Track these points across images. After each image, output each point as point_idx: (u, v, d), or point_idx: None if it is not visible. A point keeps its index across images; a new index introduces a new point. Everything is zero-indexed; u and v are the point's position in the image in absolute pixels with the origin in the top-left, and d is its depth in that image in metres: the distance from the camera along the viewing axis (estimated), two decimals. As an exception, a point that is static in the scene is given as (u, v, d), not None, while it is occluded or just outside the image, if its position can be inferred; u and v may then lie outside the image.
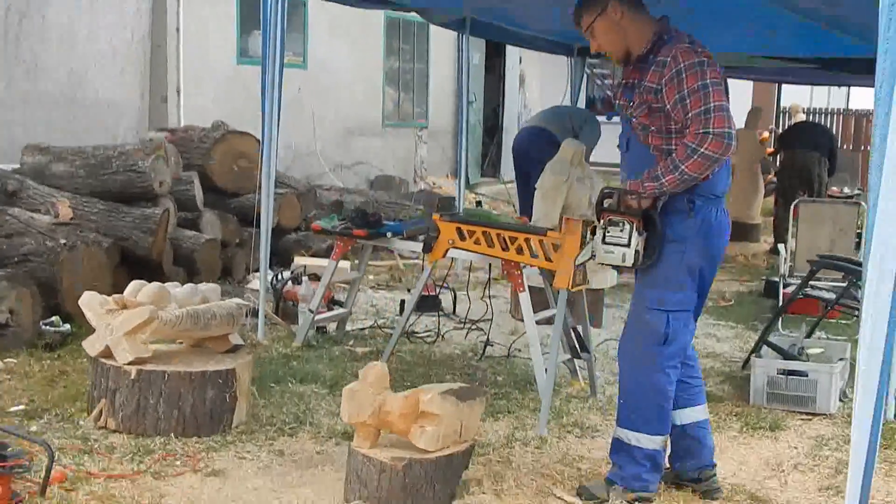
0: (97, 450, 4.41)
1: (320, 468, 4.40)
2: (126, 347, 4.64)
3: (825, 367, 5.54)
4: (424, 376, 5.91)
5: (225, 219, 8.46)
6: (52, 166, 7.67)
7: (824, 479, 4.52)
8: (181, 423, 4.62)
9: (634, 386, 4.14)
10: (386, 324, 7.32)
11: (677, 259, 3.99)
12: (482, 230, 5.47)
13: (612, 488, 4.11)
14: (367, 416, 3.97)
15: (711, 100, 3.75)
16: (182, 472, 4.24)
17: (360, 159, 14.18)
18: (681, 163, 3.79)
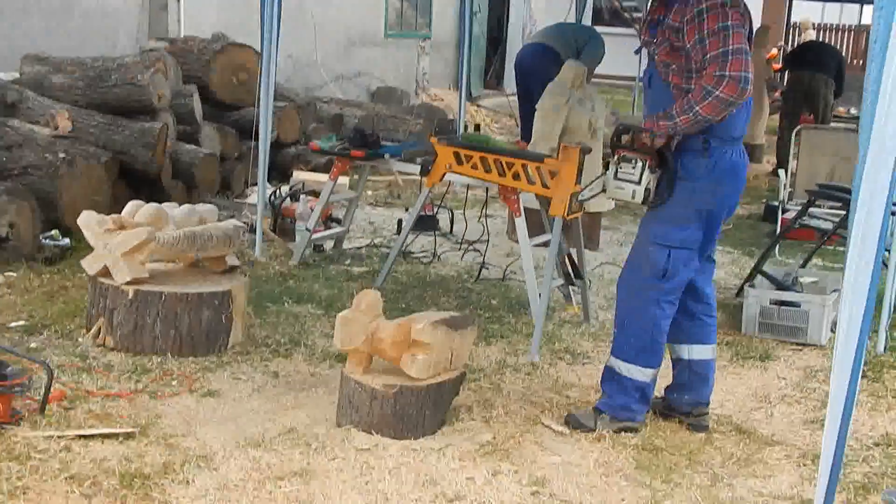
0: (95, 368, 4.49)
1: (314, 390, 4.48)
2: (124, 268, 4.69)
3: (818, 298, 5.59)
4: (419, 298, 5.98)
5: (224, 132, 8.45)
6: (51, 77, 7.64)
7: (810, 411, 4.60)
8: (178, 342, 4.70)
9: (630, 317, 4.19)
10: (383, 243, 7.36)
11: (686, 197, 4.00)
12: (480, 155, 5.48)
13: (600, 417, 4.19)
14: (360, 343, 4.04)
15: (731, 42, 3.72)
16: (178, 392, 4.32)
17: (362, 70, 14.05)
18: (696, 104, 3.77)
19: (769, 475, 3.89)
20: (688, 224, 4.06)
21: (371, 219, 8.25)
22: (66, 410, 4.01)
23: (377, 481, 3.59)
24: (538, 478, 3.70)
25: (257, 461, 3.67)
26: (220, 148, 8.32)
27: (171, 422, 4.01)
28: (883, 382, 5.01)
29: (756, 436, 4.28)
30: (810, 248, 7.00)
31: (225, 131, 8.47)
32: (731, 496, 3.68)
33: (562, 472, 3.79)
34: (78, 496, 3.32)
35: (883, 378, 5.06)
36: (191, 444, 3.78)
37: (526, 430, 4.14)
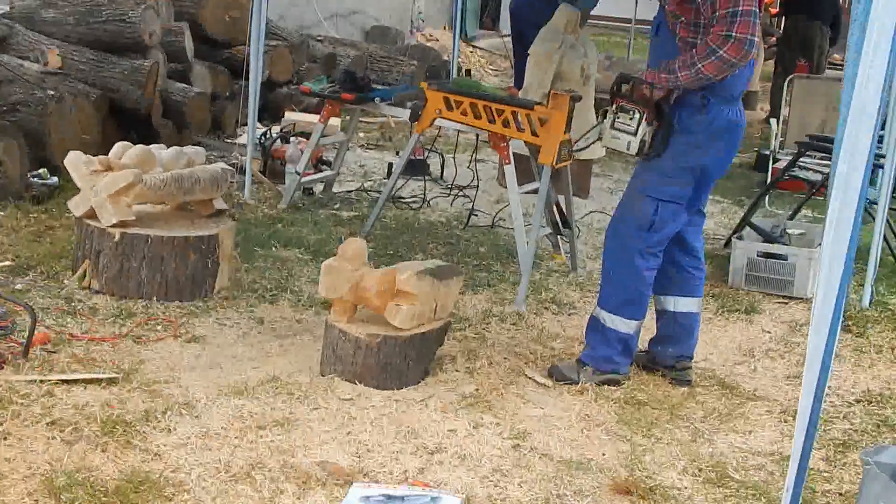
0: (80, 311, 4.45)
1: (299, 337, 4.46)
2: (110, 210, 4.64)
3: (804, 251, 5.57)
4: (407, 244, 5.94)
5: (215, 71, 8.35)
6: (41, 11, 7.49)
7: (793, 366, 4.59)
8: (163, 287, 4.66)
9: (615, 267, 4.17)
10: (373, 187, 7.30)
11: (680, 152, 3.96)
12: (470, 101, 5.40)
13: (583, 369, 4.18)
14: (344, 291, 4.01)
15: (741, 3, 3.66)
16: (162, 336, 4.30)
17: (356, 8, 13.86)
18: (699, 61, 3.73)
19: (750, 431, 3.90)
20: (679, 178, 4.02)
21: (362, 162, 8.18)
22: (50, 354, 3.98)
23: (358, 432, 3.57)
24: (519, 431, 3.70)
25: (239, 409, 3.65)
26: (212, 87, 8.23)
27: (154, 367, 3.98)
28: (867, 337, 5.00)
29: (738, 390, 4.28)
30: (800, 199, 6.97)
31: (216, 70, 8.37)
32: (710, 451, 3.68)
33: (543, 424, 3.78)
34: (59, 442, 3.29)
35: (867, 333, 5.05)
36: (173, 391, 3.76)
37: (509, 381, 4.13)
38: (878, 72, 2.51)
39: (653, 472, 3.50)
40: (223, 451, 3.36)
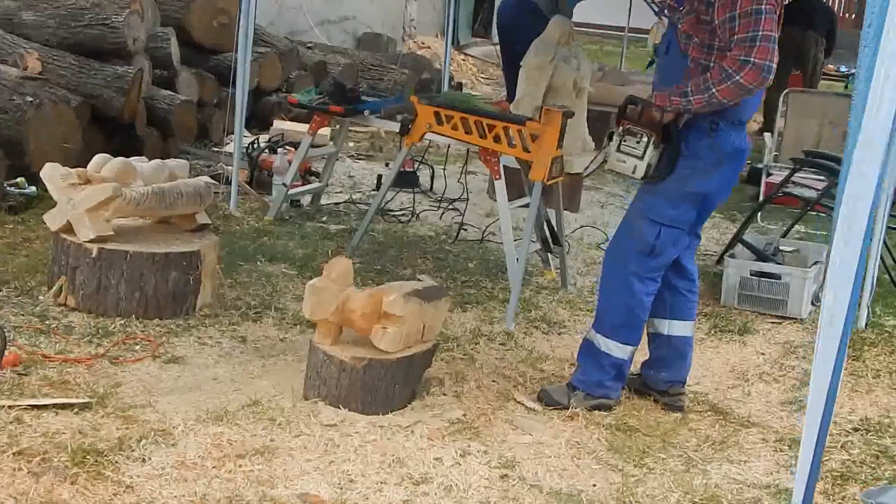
0: (54, 330, 4.29)
1: (282, 357, 4.32)
2: (88, 224, 4.49)
3: (798, 270, 5.45)
4: (395, 259, 5.80)
5: (202, 78, 8.19)
6: (21, 14, 7.33)
7: (788, 391, 4.47)
8: (143, 304, 4.51)
9: (613, 290, 4.04)
10: (362, 199, 7.17)
11: (685, 176, 3.83)
12: (460, 116, 5.28)
13: (574, 393, 4.05)
14: (330, 313, 3.87)
15: (761, 27, 3.50)
16: (141, 357, 4.14)
17: (348, 15, 13.73)
18: (713, 85, 3.59)
19: (745, 461, 3.76)
20: (682, 202, 3.89)
21: (351, 172, 8.04)
22: (21, 377, 3.81)
23: (342, 461, 3.43)
24: (508, 459, 3.55)
25: (218, 437, 3.49)
26: (199, 94, 8.07)
27: (130, 391, 3.83)
28: (863, 361, 4.87)
29: (732, 416, 4.15)
30: (794, 214, 6.85)
31: (203, 77, 8.21)
32: (704, 483, 3.54)
33: (532, 452, 3.64)
34: (25, 474, 3.12)
35: (863, 356, 4.92)
36: (149, 417, 3.60)
37: (498, 406, 3.99)
38: (889, 100, 2.40)
39: (645, 505, 3.37)
40: (199, 483, 3.20)
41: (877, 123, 2.37)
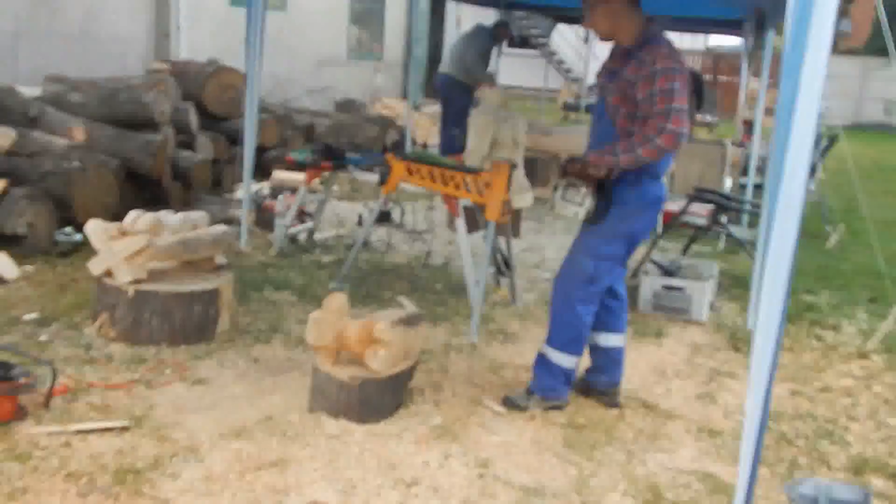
0: (98, 359, 3.91)
1: (289, 374, 3.96)
2: (125, 270, 4.11)
3: (698, 284, 5.20)
4: (377, 284, 5.45)
5: (216, 139, 7.78)
6: (68, 95, 6.90)
7: (700, 385, 4.20)
8: (171, 334, 4.13)
9: (561, 313, 3.75)
10: (347, 233, 6.81)
11: (616, 219, 3.58)
12: (427, 169, 4.96)
13: (532, 397, 3.76)
14: (329, 340, 3.53)
15: (675, 101, 3.32)
16: (171, 381, 3.77)
17: (329, 85, 13.37)
18: (639, 146, 3.37)
19: (673, 450, 3.48)
20: (615, 241, 3.64)
21: (337, 210, 7.66)
22: (69, 403, 3.45)
23: (344, 468, 3.10)
24: (482, 459, 3.25)
25: (238, 452, 3.15)
26: (213, 153, 7.67)
27: (163, 411, 3.47)
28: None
29: (659, 410, 3.87)
30: (683, 236, 6.60)
31: (217, 139, 7.81)
32: (644, 472, 3.26)
33: (502, 451, 3.34)
34: (74, 495, 2.78)
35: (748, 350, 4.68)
36: (179, 436, 3.25)
37: (471, 411, 3.67)
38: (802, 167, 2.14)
39: (599, 496, 3.07)
40: (224, 495, 2.87)
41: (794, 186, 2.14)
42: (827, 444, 3.60)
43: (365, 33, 14.83)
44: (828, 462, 3.44)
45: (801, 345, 4.86)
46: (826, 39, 2.00)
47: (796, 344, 4.85)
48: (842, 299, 5.88)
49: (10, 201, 5.29)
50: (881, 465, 3.42)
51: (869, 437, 3.70)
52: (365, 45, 14.83)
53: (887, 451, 3.57)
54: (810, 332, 5.08)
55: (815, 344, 4.90)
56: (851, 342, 4.95)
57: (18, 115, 6.48)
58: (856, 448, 3.59)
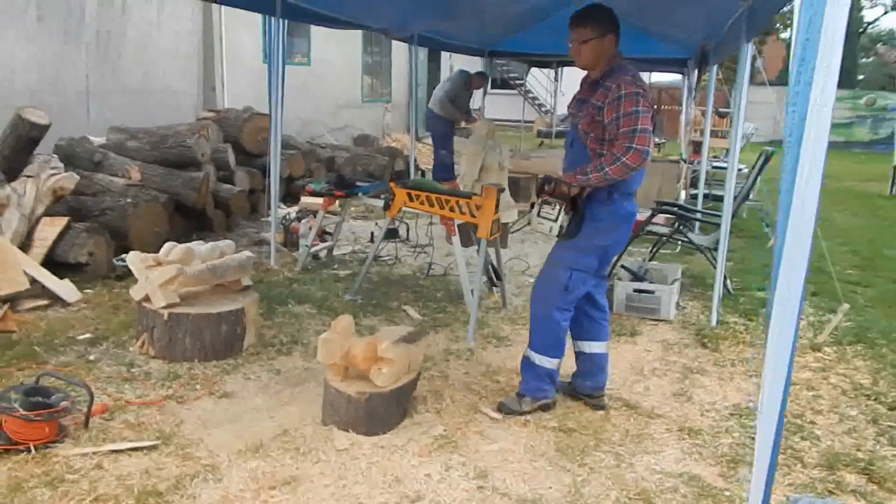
0: (137, 377, 3.40)
1: (306, 384, 3.45)
2: (160, 295, 3.60)
3: (666, 287, 4.67)
4: (386, 294, 4.93)
5: (252, 173, 7.26)
6: (127, 142, 6.40)
7: (675, 383, 3.67)
8: (203, 351, 3.62)
9: (540, 320, 3.25)
10: (361, 249, 6.28)
11: (590, 234, 3.09)
12: (426, 195, 4.44)
13: (523, 399, 3.26)
14: (338, 359, 3.01)
15: (639, 123, 2.85)
16: (200, 395, 3.26)
17: (347, 123, 12.82)
18: (607, 165, 2.89)
19: (658, 451, 2.95)
20: (588, 254, 3.13)
21: (353, 229, 7.15)
22: (107, 422, 2.95)
23: (352, 484, 2.59)
24: (481, 469, 2.73)
25: (254, 471, 2.64)
26: (249, 184, 7.15)
27: (190, 426, 2.96)
28: (721, 352, 4.10)
29: (640, 409, 3.33)
30: (649, 240, 6.06)
31: (253, 172, 7.29)
32: (634, 477, 2.73)
33: (500, 460, 2.81)
34: (95, 524, 2.27)
35: (720, 348, 4.15)
36: (202, 454, 2.74)
37: (469, 419, 3.15)
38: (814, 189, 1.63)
39: None
40: (238, 519, 2.36)
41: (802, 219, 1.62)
42: (798, 440, 3.07)
43: (376, 80, 14.29)
44: (802, 459, 2.91)
45: (760, 339, 4.32)
46: (833, 76, 1.51)
47: (756, 339, 4.31)
48: (785, 294, 5.34)
49: (73, 235, 4.78)
50: (852, 461, 2.89)
51: (835, 431, 3.17)
52: (376, 90, 14.29)
53: (854, 445, 3.04)
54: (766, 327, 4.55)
55: (769, 337, 4.36)
56: (804, 335, 4.42)
57: (85, 161, 5.99)
58: (825, 442, 3.06)
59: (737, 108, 4.13)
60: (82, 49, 7.41)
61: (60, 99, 7.16)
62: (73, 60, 7.33)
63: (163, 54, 8.66)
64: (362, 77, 13.63)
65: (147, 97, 8.36)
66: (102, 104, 7.67)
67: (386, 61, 14.57)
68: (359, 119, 13.17)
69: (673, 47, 9.13)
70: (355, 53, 13.34)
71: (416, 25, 7.21)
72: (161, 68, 8.65)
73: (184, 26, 9.02)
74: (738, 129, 4.19)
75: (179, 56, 8.96)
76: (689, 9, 5.42)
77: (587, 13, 3.04)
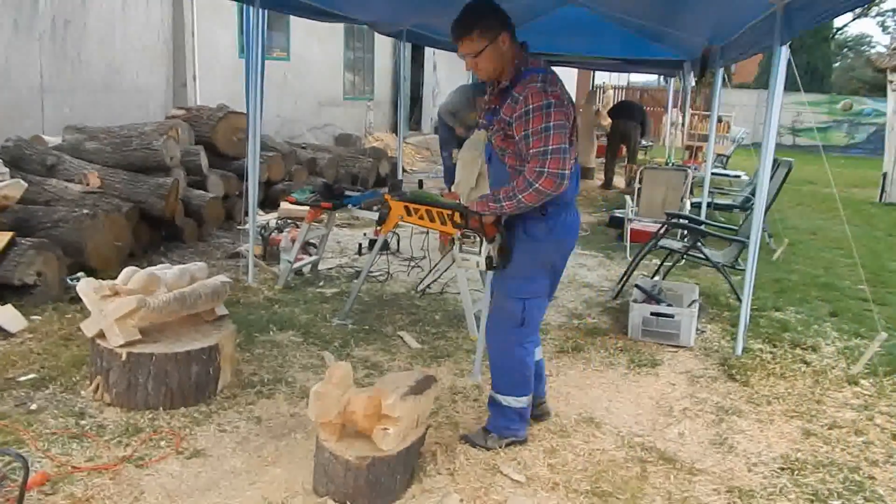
0: (87, 432, 2.85)
1: (293, 436, 2.93)
2: (117, 332, 3.05)
3: (687, 311, 4.22)
4: (379, 318, 4.42)
5: (227, 177, 6.68)
6: (85, 144, 5.79)
7: (710, 426, 3.21)
8: (169, 397, 3.07)
9: (501, 360, 2.85)
10: (348, 263, 5.75)
11: (531, 255, 2.70)
12: (425, 208, 3.93)
13: (489, 436, 2.89)
14: (333, 416, 2.50)
15: (551, 142, 2.45)
16: (166, 455, 2.72)
17: (328, 122, 12.23)
18: (519, 192, 2.54)
19: (712, 523, 2.50)
20: (536, 276, 2.75)
21: (339, 239, 6.62)
22: (47, 496, 2.39)
23: (354, 585, 2.08)
24: (510, 555, 2.24)
25: (231, 568, 2.12)
26: (224, 190, 6.58)
27: (153, 500, 2.42)
28: (752, 386, 3.67)
29: (679, 463, 2.87)
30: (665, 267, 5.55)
31: (227, 177, 6.71)
32: (690, 562, 2.28)
33: (529, 540, 2.34)
34: None
35: (750, 381, 3.72)
36: (166, 542, 2.21)
37: (489, 483, 2.64)
38: None
39: None
40: None
41: None
42: (862, 502, 2.64)
43: (358, 77, 13.71)
44: (880, 533, 2.48)
45: (791, 370, 3.89)
46: None
47: (786, 370, 3.87)
48: (807, 315, 4.93)
49: (19, 251, 4.18)
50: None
51: None
52: (358, 87, 13.70)
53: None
54: (794, 356, 4.11)
55: (804, 369, 3.93)
56: (836, 364, 4.00)
57: (36, 165, 5.37)
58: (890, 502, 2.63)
59: (769, 113, 3.69)
60: (35, 40, 6.74)
61: (11, 95, 6.50)
62: (24, 52, 6.66)
63: (128, 47, 8.01)
64: (344, 73, 13.04)
65: (111, 94, 7.71)
66: (61, 102, 7.02)
67: (369, 57, 13.98)
68: (340, 117, 12.59)
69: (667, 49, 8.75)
70: (337, 49, 12.74)
71: (407, 20, 6.69)
72: (126, 62, 7.99)
73: (152, 16, 8.37)
74: (769, 135, 3.74)
75: (147, 49, 8.31)
76: (705, 8, 4.99)
77: (469, 19, 2.52)
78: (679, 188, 6.71)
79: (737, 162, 12.64)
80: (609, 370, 3.81)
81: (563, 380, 3.66)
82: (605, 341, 4.21)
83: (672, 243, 5.02)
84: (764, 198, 3.80)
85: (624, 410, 3.32)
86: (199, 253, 5.70)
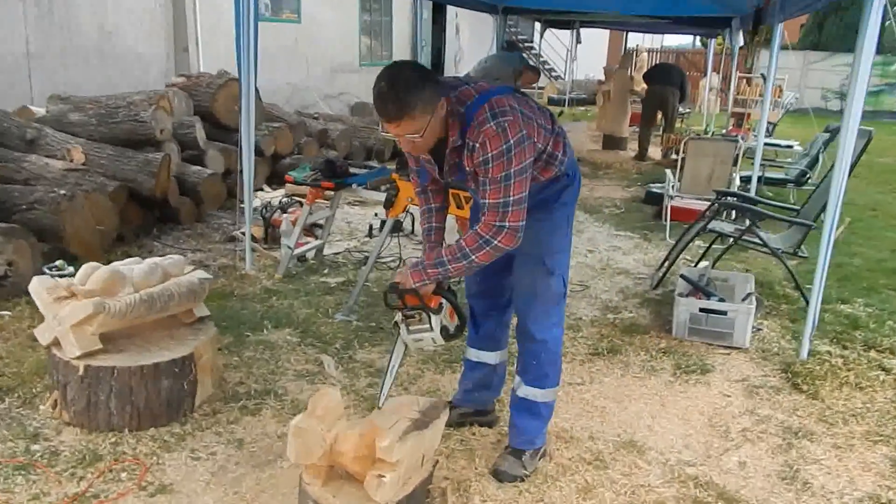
0: (38, 460, 2.46)
1: (277, 464, 2.52)
2: (73, 341, 2.63)
3: (742, 307, 3.70)
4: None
5: (227, 151, 6.24)
6: (70, 115, 5.37)
7: (777, 454, 2.73)
8: (135, 417, 2.67)
9: (543, 346, 2.46)
10: (357, 246, 5.30)
11: (568, 223, 2.46)
12: (438, 191, 3.44)
13: (523, 458, 2.49)
14: (318, 457, 2.06)
15: (512, 192, 2.09)
16: (125, 492, 2.32)
17: (343, 90, 11.71)
18: (471, 252, 2.14)
19: None
20: (569, 244, 2.50)
21: (348, 218, 6.17)
22: (-25, 551, 2.01)
23: None
24: None
25: None
26: (225, 165, 6.14)
27: (101, 555, 2.03)
28: (822, 399, 3.16)
29: (743, 506, 2.41)
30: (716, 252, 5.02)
31: (228, 150, 6.27)
32: None
33: None
34: None
35: (820, 393, 3.21)
36: None
37: (508, 534, 2.22)
38: None
39: None
40: None
41: None
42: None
43: (375, 42, 13.12)
44: None
45: (867, 379, 3.36)
46: None
47: (862, 379, 3.35)
48: (878, 308, 4.37)
49: (-13, 238, 3.81)
50: None
51: None
52: (375, 52, 13.12)
53: None
54: (870, 361, 3.58)
55: (883, 377, 3.40)
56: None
57: (15, 139, 4.97)
58: None
59: (855, 77, 3.10)
60: (18, 1, 6.31)
61: (-5, 63, 6.12)
62: (8, 17, 6.24)
63: (124, 10, 7.54)
64: (360, 37, 12.46)
65: (105, 61, 7.28)
66: (50, 70, 6.60)
67: (386, 20, 13.37)
68: (356, 85, 12.05)
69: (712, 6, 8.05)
70: (352, 11, 12.15)
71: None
72: (122, 27, 7.54)
73: (150, -22, 7.90)
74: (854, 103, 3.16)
75: (145, 12, 7.84)
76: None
77: (404, 97, 1.94)
78: (728, 161, 6.10)
79: (782, 130, 11.86)
80: (651, 377, 3.33)
81: (599, 390, 3.19)
82: (644, 341, 3.72)
83: (724, 226, 4.47)
84: (845, 176, 3.23)
85: (671, 430, 2.85)
86: (197, 235, 5.29)
